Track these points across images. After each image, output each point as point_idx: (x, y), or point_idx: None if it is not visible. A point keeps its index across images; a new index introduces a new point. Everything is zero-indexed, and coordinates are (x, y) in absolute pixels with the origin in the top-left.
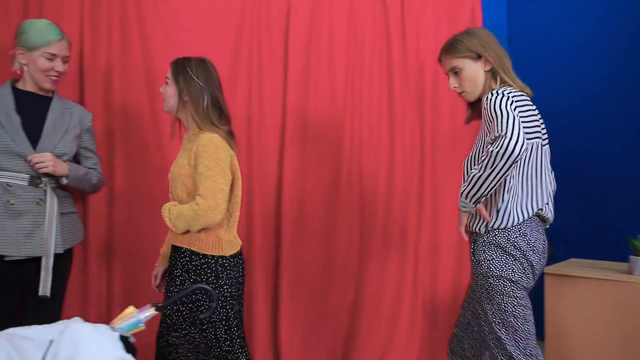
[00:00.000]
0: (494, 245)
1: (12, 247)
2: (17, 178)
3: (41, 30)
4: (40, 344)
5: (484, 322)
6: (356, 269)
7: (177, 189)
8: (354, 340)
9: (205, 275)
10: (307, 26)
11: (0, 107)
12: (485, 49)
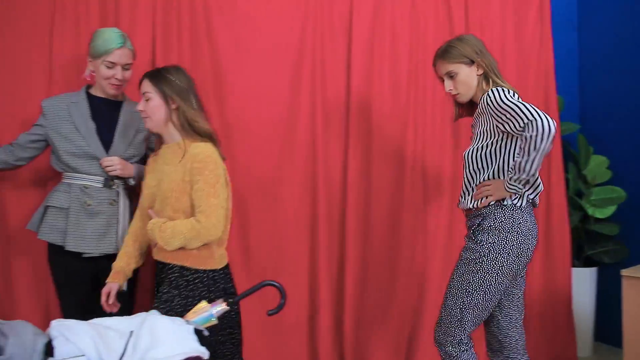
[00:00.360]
0: (499, 230)
1: (89, 245)
2: (93, 180)
3: (103, 39)
4: (122, 334)
5: (456, 287)
6: (421, 268)
7: (167, 206)
8: (418, 339)
9: (197, 289)
10: (370, 26)
11: (77, 114)
12: (478, 54)
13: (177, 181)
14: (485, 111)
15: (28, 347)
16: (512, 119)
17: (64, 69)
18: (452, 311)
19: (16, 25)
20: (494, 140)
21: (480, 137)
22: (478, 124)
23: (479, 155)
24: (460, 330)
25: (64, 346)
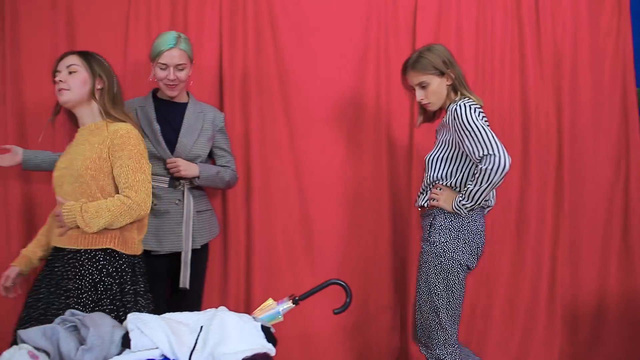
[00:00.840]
0: (449, 229)
1: (157, 244)
2: (159, 181)
3: (157, 42)
4: (193, 329)
5: (425, 292)
6: (486, 270)
7: (79, 187)
8: (485, 345)
9: (127, 275)
10: (435, 21)
11: (143, 117)
12: (447, 66)
13: (93, 159)
14: (450, 123)
15: (107, 338)
16: (473, 144)
17: (137, 74)
18: (429, 316)
19: (94, 30)
20: (457, 153)
21: (444, 146)
22: (443, 132)
23: (442, 164)
24: (442, 332)
25: (139, 338)
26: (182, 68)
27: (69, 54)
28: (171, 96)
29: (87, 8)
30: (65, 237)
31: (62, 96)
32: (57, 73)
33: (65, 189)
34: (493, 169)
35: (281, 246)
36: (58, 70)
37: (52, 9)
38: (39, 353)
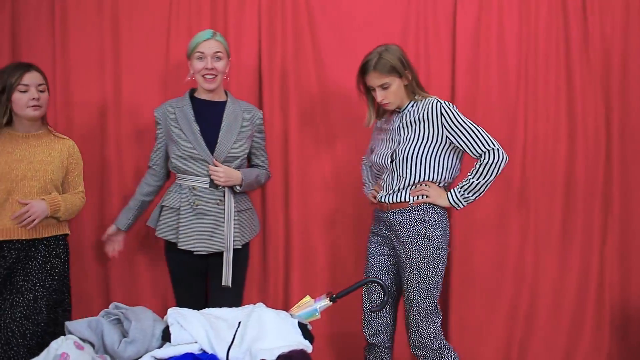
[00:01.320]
0: (442, 222)
1: (199, 243)
2: (200, 181)
3: (193, 38)
4: (231, 324)
5: (424, 287)
6: (531, 269)
7: (49, 190)
8: (528, 347)
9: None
10: (475, 16)
11: (182, 118)
12: (405, 67)
13: (61, 166)
14: (435, 119)
15: (148, 331)
16: (473, 141)
17: (178, 75)
18: (428, 310)
19: (137, 33)
20: (443, 148)
21: (421, 140)
22: (417, 126)
23: (423, 157)
24: (436, 324)
25: (179, 333)
26: (220, 57)
27: (34, 68)
28: (209, 89)
29: (131, 11)
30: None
31: (39, 113)
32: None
33: (41, 187)
34: (496, 162)
35: (319, 244)
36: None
37: (99, 13)
38: (84, 344)
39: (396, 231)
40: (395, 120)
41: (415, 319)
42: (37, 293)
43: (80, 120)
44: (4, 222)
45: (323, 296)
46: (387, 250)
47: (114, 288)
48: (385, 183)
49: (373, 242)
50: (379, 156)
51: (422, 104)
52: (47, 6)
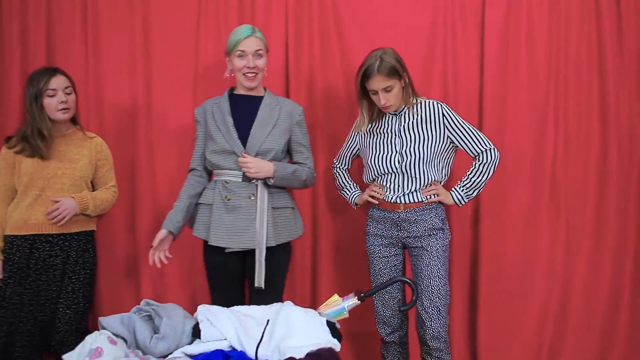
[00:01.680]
0: (446, 219)
1: (230, 240)
2: (233, 175)
3: (233, 34)
4: (260, 322)
5: (440, 283)
6: (562, 269)
7: (80, 186)
8: (560, 348)
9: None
10: (504, 12)
11: (218, 113)
12: (403, 69)
13: (91, 166)
14: (438, 121)
15: (179, 328)
16: (473, 141)
17: (207, 77)
18: (444, 302)
19: (167, 35)
20: (442, 148)
21: (428, 141)
22: (420, 128)
23: (431, 158)
24: (447, 316)
25: (209, 329)
26: (261, 55)
27: (61, 72)
28: (250, 87)
29: (162, 14)
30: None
31: (68, 116)
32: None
33: (69, 188)
34: (493, 160)
35: (346, 242)
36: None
37: (130, 15)
38: (117, 339)
39: (411, 229)
40: (393, 122)
41: (437, 306)
42: (74, 285)
43: (111, 121)
44: (37, 217)
45: (351, 295)
46: (394, 250)
47: (144, 285)
48: (392, 185)
49: (376, 245)
50: (381, 160)
51: (421, 106)
52: (80, 10)
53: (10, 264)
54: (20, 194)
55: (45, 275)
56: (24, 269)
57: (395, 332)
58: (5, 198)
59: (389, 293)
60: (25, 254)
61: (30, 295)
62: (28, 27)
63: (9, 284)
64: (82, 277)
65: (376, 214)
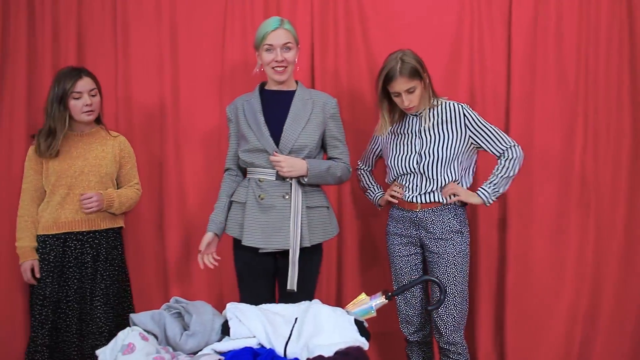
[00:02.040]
0: (466, 220)
1: (264, 240)
2: (266, 173)
3: (261, 27)
4: (288, 320)
5: (460, 282)
6: (592, 271)
7: (106, 183)
8: (589, 351)
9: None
10: (532, 9)
11: (249, 111)
12: (424, 70)
13: (115, 162)
14: (459, 121)
15: (208, 325)
16: (495, 139)
17: (233, 77)
18: (463, 307)
19: (194, 37)
20: (464, 148)
21: (448, 142)
22: (441, 129)
23: (451, 158)
24: (465, 319)
25: (238, 327)
26: (289, 48)
27: (88, 74)
28: (280, 81)
29: (188, 15)
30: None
31: (92, 117)
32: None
33: (95, 185)
34: (518, 157)
35: (372, 242)
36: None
37: (158, 18)
38: (149, 335)
39: (428, 229)
40: (414, 123)
41: (452, 312)
42: (106, 282)
43: (140, 121)
44: (67, 216)
45: (379, 294)
46: (414, 249)
47: (172, 284)
48: (411, 185)
49: (397, 244)
50: (401, 161)
51: (442, 106)
52: (110, 12)
53: (46, 263)
54: (49, 193)
55: (79, 273)
56: (59, 267)
57: (419, 331)
58: (34, 198)
59: (411, 292)
60: (59, 252)
61: (67, 293)
62: (59, 28)
63: (47, 283)
64: (112, 273)
65: (396, 213)
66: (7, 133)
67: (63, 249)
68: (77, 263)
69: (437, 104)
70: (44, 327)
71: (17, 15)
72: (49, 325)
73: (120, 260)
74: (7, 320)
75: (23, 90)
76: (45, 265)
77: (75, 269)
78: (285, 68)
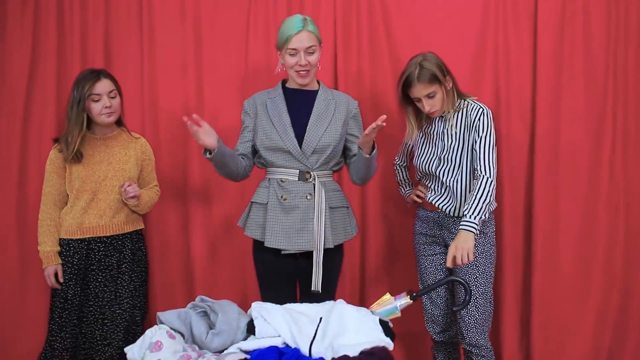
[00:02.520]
0: (492, 220)
1: (287, 241)
2: (289, 174)
3: (283, 28)
4: (312, 320)
5: (483, 283)
6: (621, 273)
7: (127, 182)
8: (619, 354)
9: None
10: (560, 3)
11: (273, 109)
12: (444, 74)
13: (136, 165)
14: (477, 126)
15: (234, 324)
16: (479, 157)
17: (255, 78)
18: (486, 309)
19: (218, 39)
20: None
21: (466, 147)
22: (461, 134)
23: (469, 166)
24: (490, 321)
25: (263, 326)
26: (313, 51)
27: (107, 76)
28: (303, 84)
29: (212, 19)
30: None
31: (112, 119)
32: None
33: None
34: (484, 190)
35: (396, 241)
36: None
37: (182, 22)
38: (175, 333)
39: (451, 229)
40: (438, 125)
41: (474, 314)
42: (135, 284)
43: (165, 123)
44: (91, 221)
45: (403, 294)
46: (438, 249)
47: (197, 282)
48: (433, 185)
49: (422, 243)
50: (422, 162)
51: (467, 109)
52: (136, 16)
53: (70, 266)
54: (73, 198)
55: (102, 276)
56: (83, 270)
57: (445, 331)
58: (56, 202)
59: (436, 292)
60: (83, 255)
61: (90, 296)
62: (87, 32)
63: (70, 285)
64: (137, 275)
65: (421, 212)
66: (38, 135)
67: (87, 252)
68: (100, 266)
69: (464, 107)
70: (63, 331)
71: (48, 20)
72: (70, 328)
73: (144, 261)
74: (28, 324)
75: (52, 93)
76: (68, 268)
77: (98, 271)
78: (308, 72)
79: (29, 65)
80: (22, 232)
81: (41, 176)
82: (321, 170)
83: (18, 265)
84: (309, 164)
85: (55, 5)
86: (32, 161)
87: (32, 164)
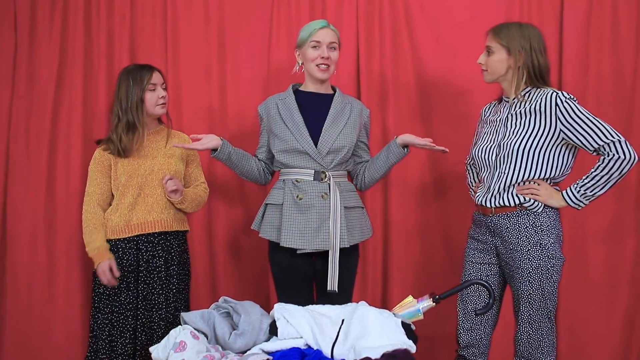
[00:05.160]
0: (555, 227)
1: (302, 241)
2: (304, 174)
3: (307, 25)
4: (335, 321)
5: (538, 299)
6: None
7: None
8: None
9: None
10: (586, 5)
11: (285, 110)
12: (522, 50)
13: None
14: (549, 111)
15: (256, 325)
16: (591, 133)
17: (279, 78)
18: (542, 323)
19: (241, 41)
20: (552, 142)
21: (531, 133)
22: (527, 119)
23: (531, 151)
24: (551, 339)
25: (285, 327)
26: (334, 47)
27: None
28: (322, 79)
29: (236, 20)
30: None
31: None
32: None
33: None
34: (623, 158)
35: (418, 243)
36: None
37: (206, 25)
38: (199, 334)
39: (503, 237)
40: (503, 110)
41: (527, 331)
42: (180, 285)
43: (189, 126)
44: (139, 217)
45: (426, 297)
46: (488, 258)
47: (220, 283)
48: (485, 181)
49: (472, 248)
50: (481, 150)
51: (536, 94)
52: (160, 21)
53: (120, 268)
54: (119, 196)
55: (151, 278)
56: (134, 271)
57: (471, 347)
58: (100, 202)
59: (471, 303)
60: (133, 255)
61: (140, 298)
62: (113, 36)
63: (122, 288)
64: (183, 277)
65: (476, 216)
66: (66, 138)
67: (136, 253)
68: (148, 267)
69: (534, 92)
70: (113, 335)
71: (75, 25)
72: (129, 333)
73: (189, 264)
74: (56, 326)
75: (79, 96)
76: (119, 270)
77: (147, 273)
78: (328, 67)
79: (57, 69)
80: (50, 232)
81: (69, 177)
82: (336, 170)
83: (46, 267)
84: (324, 164)
85: (82, 11)
86: (60, 163)
87: (60, 165)
